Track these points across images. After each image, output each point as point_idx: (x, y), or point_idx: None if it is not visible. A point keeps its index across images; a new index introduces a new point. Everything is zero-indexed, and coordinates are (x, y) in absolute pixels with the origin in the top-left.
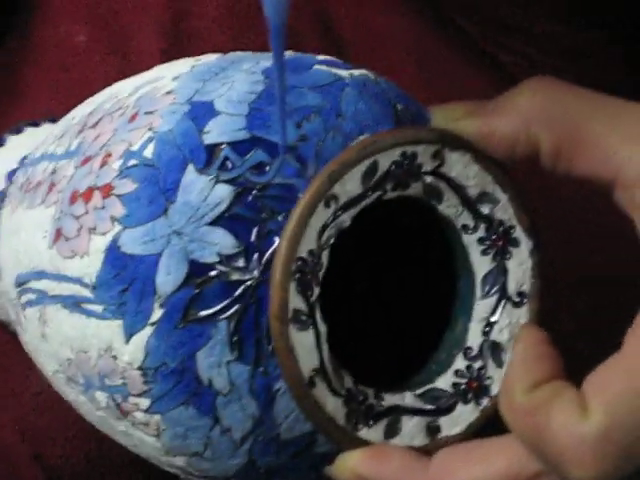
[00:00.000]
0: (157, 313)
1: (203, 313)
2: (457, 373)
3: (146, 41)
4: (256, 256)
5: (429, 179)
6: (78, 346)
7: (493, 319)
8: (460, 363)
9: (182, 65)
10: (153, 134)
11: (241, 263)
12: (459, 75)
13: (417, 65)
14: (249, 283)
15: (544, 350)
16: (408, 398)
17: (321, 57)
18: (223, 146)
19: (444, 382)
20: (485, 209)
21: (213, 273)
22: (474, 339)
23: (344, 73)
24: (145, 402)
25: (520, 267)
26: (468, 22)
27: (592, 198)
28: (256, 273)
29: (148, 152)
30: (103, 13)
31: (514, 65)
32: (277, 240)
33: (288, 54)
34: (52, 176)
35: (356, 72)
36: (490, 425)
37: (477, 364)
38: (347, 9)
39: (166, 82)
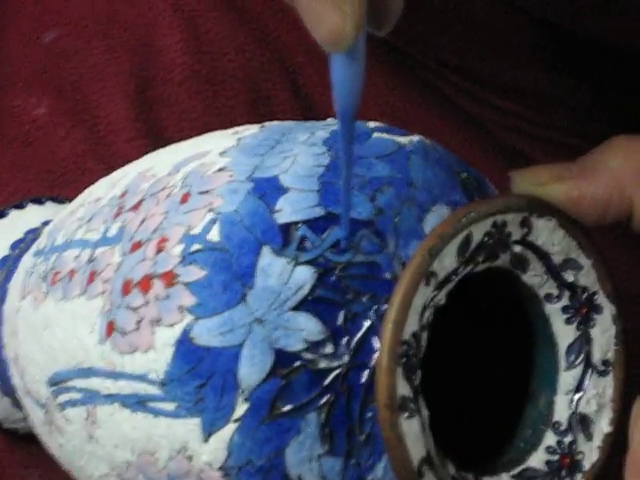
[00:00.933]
0: (241, 408)
1: (291, 406)
2: (548, 450)
3: (113, 111)
4: (345, 341)
5: (517, 248)
6: (142, 447)
7: (580, 391)
8: (550, 439)
9: (222, 138)
10: (215, 215)
11: (329, 349)
12: (434, 131)
13: (390, 124)
14: (339, 370)
15: None
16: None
17: (372, 124)
18: (299, 225)
19: (537, 460)
20: (569, 276)
21: (300, 362)
22: (561, 412)
23: (404, 140)
24: None
25: (604, 335)
26: (444, 80)
27: None
28: (346, 359)
29: (213, 235)
30: (62, 84)
31: (493, 122)
32: (365, 322)
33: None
34: (91, 264)
35: (414, 138)
36: None
37: (567, 439)
38: (315, 68)
39: (214, 158)
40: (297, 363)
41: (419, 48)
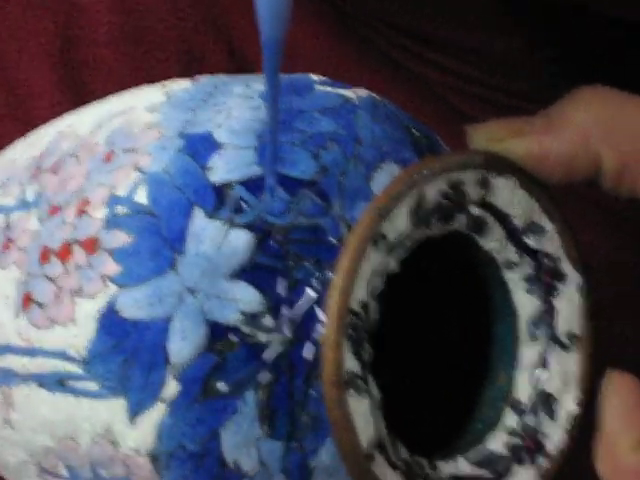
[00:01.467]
0: (171, 387)
1: (227, 384)
2: (509, 431)
3: (33, 73)
4: (286, 312)
5: (474, 210)
6: (62, 432)
7: (543, 367)
8: (510, 419)
9: (149, 93)
10: (142, 175)
11: (268, 321)
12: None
13: None
14: (279, 345)
15: None
16: (463, 465)
17: (315, 76)
18: (234, 185)
19: (496, 442)
20: (531, 241)
21: (236, 336)
22: (522, 390)
23: (350, 94)
24: None
25: (569, 306)
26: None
27: None
28: (287, 332)
29: (140, 197)
30: None
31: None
32: (308, 291)
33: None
34: (6, 231)
35: (361, 93)
36: None
37: (529, 419)
38: (252, 27)
39: (140, 114)
40: (233, 337)
41: (365, 8)
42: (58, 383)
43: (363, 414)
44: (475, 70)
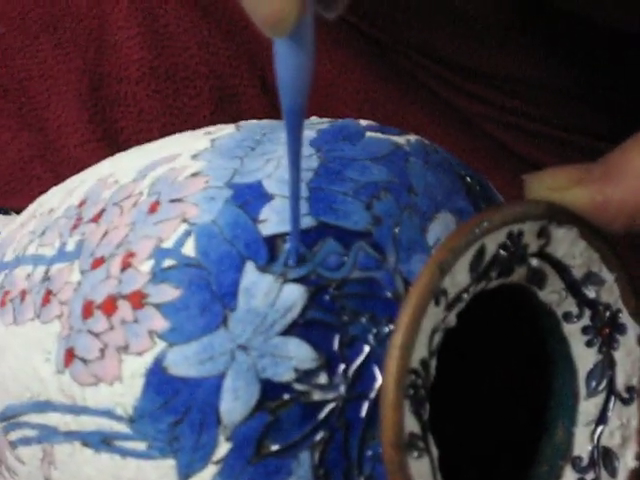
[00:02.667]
0: (223, 448)
1: (281, 444)
2: None
3: (63, 112)
4: (341, 369)
5: (534, 262)
6: None
7: (602, 421)
8: (570, 476)
9: (193, 139)
10: (190, 227)
11: (323, 379)
12: (417, 127)
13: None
14: (334, 403)
15: None
16: None
17: (364, 122)
18: (287, 237)
19: None
20: (591, 293)
21: (290, 394)
22: (582, 446)
23: (400, 140)
24: None
25: (628, 358)
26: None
27: None
28: (342, 390)
29: (188, 249)
30: (7, 83)
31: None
32: (364, 347)
33: (330, 122)
34: (46, 283)
35: (411, 138)
36: None
37: (589, 476)
38: None
39: (185, 162)
40: (287, 395)
41: (398, 38)
42: (103, 442)
43: (424, 476)
44: (517, 101)
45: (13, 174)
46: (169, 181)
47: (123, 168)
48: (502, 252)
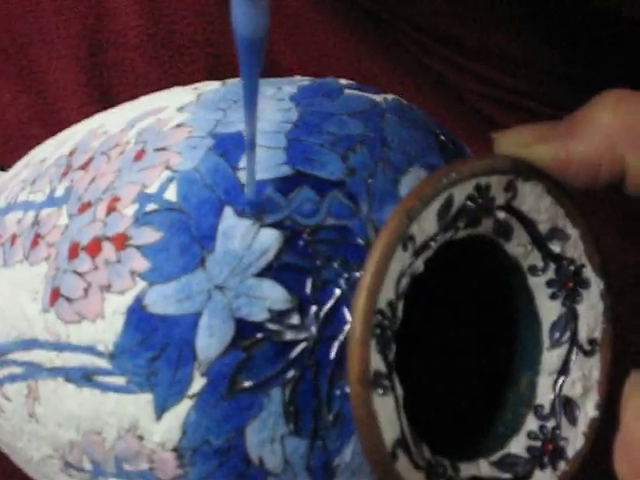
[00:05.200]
0: (198, 383)
1: (253, 381)
2: (530, 435)
3: (62, 76)
4: (313, 311)
5: (501, 214)
6: (87, 426)
7: (564, 372)
8: (532, 423)
9: (180, 94)
10: (173, 173)
11: (295, 320)
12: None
13: None
14: (306, 343)
15: None
16: (484, 467)
17: (344, 80)
18: (264, 184)
19: (517, 446)
20: (556, 247)
21: (263, 333)
22: (544, 395)
23: (378, 98)
24: None
25: (591, 311)
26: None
27: None
28: (314, 330)
29: (170, 194)
30: (8, 47)
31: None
32: (335, 290)
33: (311, 79)
34: (35, 228)
35: (388, 97)
36: None
37: (550, 423)
38: (283, 33)
39: (171, 113)
40: (260, 334)
41: (392, 11)
42: (85, 378)
43: (388, 413)
44: (503, 76)
45: (12, 134)
46: (155, 131)
47: (113, 120)
48: (469, 203)
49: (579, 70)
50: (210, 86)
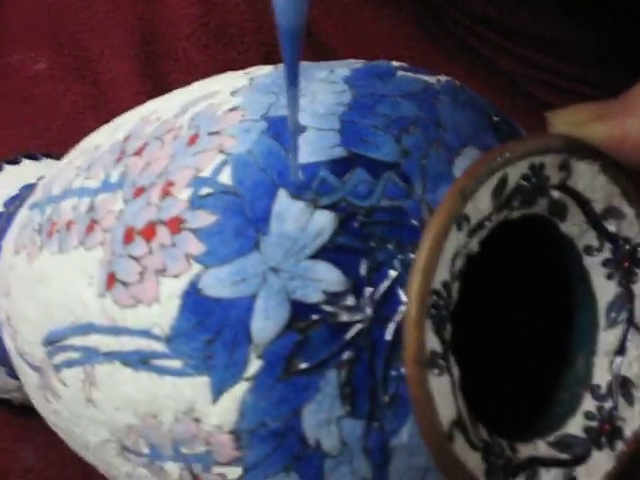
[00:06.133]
0: (254, 365)
1: (309, 363)
2: (587, 415)
3: (115, 65)
4: (368, 292)
5: (555, 194)
6: (145, 410)
7: (621, 352)
8: (589, 404)
9: (233, 78)
10: (226, 157)
11: (351, 301)
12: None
13: None
14: (361, 324)
15: None
16: (542, 447)
17: (396, 63)
18: (318, 166)
19: (575, 426)
20: (611, 226)
21: (319, 315)
22: (601, 375)
23: (431, 79)
24: (236, 471)
25: None
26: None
27: None
28: (369, 312)
29: (224, 177)
30: (62, 38)
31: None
32: (390, 272)
33: (364, 62)
34: (90, 213)
35: (442, 78)
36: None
37: (607, 404)
38: (334, 19)
39: (224, 98)
40: (315, 316)
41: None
42: (142, 361)
43: (444, 393)
44: (554, 61)
45: (66, 124)
46: (208, 115)
47: (166, 106)
48: (524, 182)
49: (628, 54)
50: (262, 70)
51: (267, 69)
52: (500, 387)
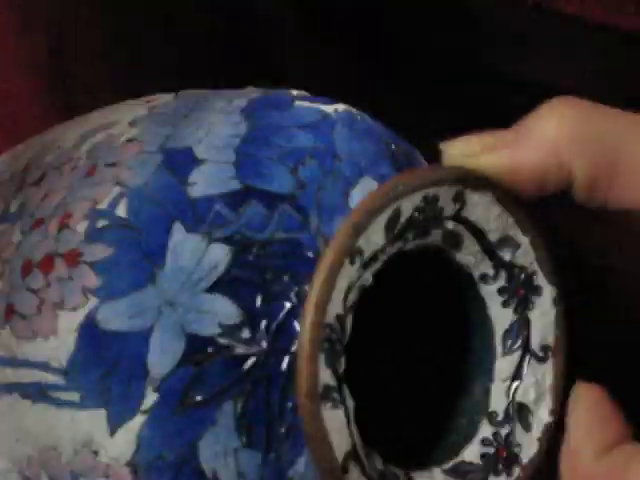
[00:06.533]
0: (150, 398)
1: (205, 395)
2: (484, 442)
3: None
4: (263, 324)
5: (450, 225)
6: (44, 442)
7: (517, 378)
8: (486, 430)
9: (133, 107)
10: (123, 189)
11: (246, 334)
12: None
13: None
14: (256, 357)
15: (608, 410)
16: (438, 475)
17: (295, 91)
18: (213, 199)
19: (471, 453)
20: (506, 255)
21: (214, 348)
22: (498, 402)
23: (328, 109)
24: None
25: (543, 318)
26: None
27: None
28: (264, 344)
29: (121, 210)
30: None
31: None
32: (285, 304)
33: (263, 91)
34: None
35: (339, 107)
36: None
37: (504, 430)
38: None
39: (123, 128)
40: (211, 349)
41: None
42: (40, 394)
43: (338, 426)
44: None
45: None
46: (106, 146)
47: (66, 134)
48: (417, 214)
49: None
50: (162, 99)
51: (167, 97)
52: (399, 415)
